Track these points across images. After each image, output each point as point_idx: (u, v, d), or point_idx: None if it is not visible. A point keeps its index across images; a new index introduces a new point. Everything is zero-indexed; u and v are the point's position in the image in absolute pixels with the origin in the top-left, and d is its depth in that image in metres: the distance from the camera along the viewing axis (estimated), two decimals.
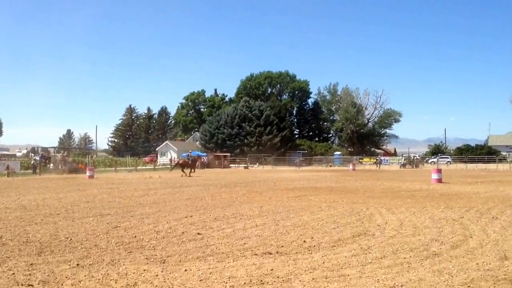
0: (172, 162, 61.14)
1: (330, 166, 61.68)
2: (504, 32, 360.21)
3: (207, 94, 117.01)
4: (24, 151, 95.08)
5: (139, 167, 53.91)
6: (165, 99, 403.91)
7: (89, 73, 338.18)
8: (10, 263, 6.36)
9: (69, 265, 6.25)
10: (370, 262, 6.38)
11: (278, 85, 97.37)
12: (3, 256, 6.75)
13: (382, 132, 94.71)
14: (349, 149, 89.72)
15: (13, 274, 5.78)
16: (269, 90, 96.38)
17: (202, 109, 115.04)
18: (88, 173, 31.35)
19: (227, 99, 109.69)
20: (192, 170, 34.75)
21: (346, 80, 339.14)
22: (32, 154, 58.89)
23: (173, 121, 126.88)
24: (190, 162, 35.61)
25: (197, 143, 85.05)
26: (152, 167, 56.78)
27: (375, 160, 65.61)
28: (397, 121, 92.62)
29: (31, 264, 6.26)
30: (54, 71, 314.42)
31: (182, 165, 34.68)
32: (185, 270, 6.01)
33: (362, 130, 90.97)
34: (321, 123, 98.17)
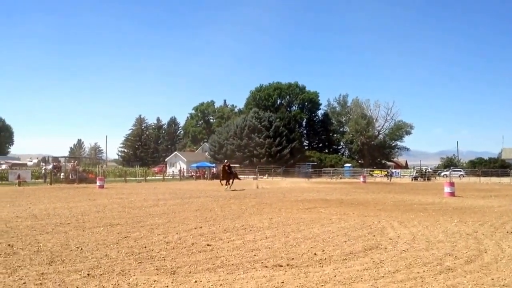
0: (182, 173, 61.21)
1: (340, 178, 61.37)
2: None
3: (217, 105, 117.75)
4: (35, 161, 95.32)
5: (148, 178, 54.01)
6: (175, 109, 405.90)
7: (99, 83, 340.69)
8: (21, 272, 6.35)
9: (80, 275, 6.24)
10: (383, 276, 6.29)
11: (288, 96, 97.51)
12: (15, 265, 6.75)
13: (393, 144, 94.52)
14: (359, 161, 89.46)
15: (24, 283, 5.78)
16: (279, 101, 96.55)
17: (211, 120, 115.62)
18: (98, 183, 31.45)
19: (236, 110, 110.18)
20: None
21: (356, 92, 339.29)
22: (43, 164, 59.15)
23: (182, 132, 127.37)
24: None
25: (206, 153, 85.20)
26: (161, 177, 56.86)
27: (386, 172, 65.08)
28: (408, 133, 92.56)
29: (42, 274, 6.25)
30: (66, 81, 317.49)
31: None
32: (195, 281, 5.97)
33: (372, 142, 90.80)
34: (331, 134, 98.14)
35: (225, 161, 35.13)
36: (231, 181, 29.49)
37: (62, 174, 41.77)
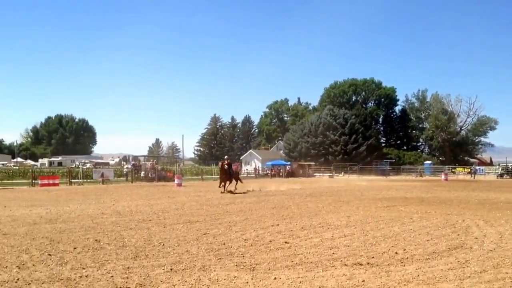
0: (257, 171, 61.73)
1: (421, 176, 59.18)
2: None
3: (291, 103, 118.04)
4: (117, 159, 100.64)
5: None
6: (249, 108, 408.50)
7: (175, 83, 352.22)
8: (109, 266, 6.69)
9: (163, 269, 6.47)
10: (469, 276, 6.00)
11: (363, 93, 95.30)
12: (102, 260, 7.12)
13: (476, 140, 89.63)
14: (440, 158, 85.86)
15: (112, 277, 6.07)
16: (354, 98, 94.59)
17: (285, 118, 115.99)
18: (176, 181, 32.49)
19: (310, 107, 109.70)
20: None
21: (436, 87, 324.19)
22: (124, 162, 62.39)
23: (256, 130, 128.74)
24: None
25: (281, 152, 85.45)
26: None
27: (469, 169, 61.81)
28: (492, 128, 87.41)
29: (128, 268, 6.55)
30: (142, 83, 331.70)
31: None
32: (275, 278, 5.99)
33: (454, 139, 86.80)
34: (409, 131, 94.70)
35: (225, 157, 30.73)
36: (232, 182, 24.87)
37: (142, 172, 43.54)
